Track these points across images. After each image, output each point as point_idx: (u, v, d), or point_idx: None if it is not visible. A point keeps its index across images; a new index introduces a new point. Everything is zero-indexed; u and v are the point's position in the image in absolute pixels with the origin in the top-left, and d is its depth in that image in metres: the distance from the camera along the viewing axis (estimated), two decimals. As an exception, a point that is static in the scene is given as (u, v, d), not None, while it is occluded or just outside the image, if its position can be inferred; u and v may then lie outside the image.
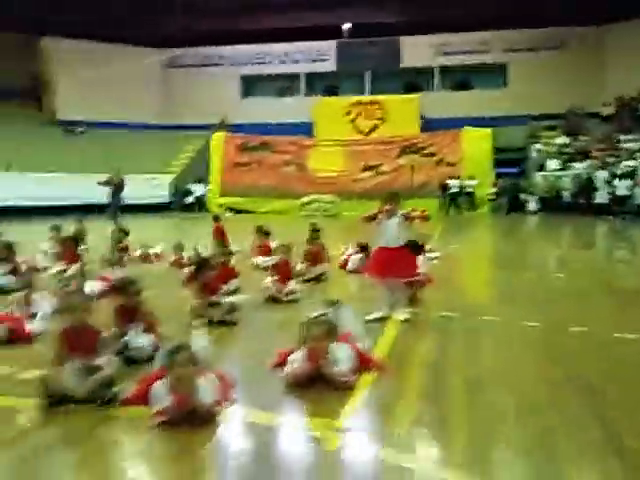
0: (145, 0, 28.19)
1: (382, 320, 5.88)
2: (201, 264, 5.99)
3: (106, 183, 15.02)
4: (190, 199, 27.12)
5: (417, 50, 31.44)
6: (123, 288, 4.97)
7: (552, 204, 23.88)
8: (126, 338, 4.70)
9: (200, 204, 26.57)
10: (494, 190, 24.98)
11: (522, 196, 25.32)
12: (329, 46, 32.51)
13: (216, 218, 11.84)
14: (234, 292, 6.42)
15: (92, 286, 7.16)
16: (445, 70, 31.91)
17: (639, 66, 27.32)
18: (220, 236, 10.67)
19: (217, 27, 31.00)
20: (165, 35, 29.48)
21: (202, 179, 27.33)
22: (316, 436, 3.34)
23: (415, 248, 6.66)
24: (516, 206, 24.85)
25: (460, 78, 32.15)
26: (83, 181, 22.08)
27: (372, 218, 6.10)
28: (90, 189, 20.18)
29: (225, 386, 3.85)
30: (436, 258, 10.10)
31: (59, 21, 28.11)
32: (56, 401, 3.73)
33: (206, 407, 3.49)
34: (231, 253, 6.84)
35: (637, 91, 27.52)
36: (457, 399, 3.89)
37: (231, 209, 25.04)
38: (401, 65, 31.88)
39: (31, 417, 3.62)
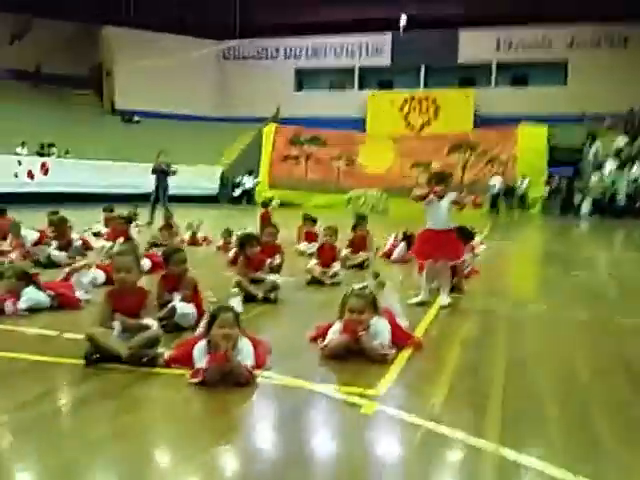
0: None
1: (423, 305, 5.81)
2: (246, 239, 6.06)
3: (154, 171, 15.30)
4: (238, 191, 27.39)
5: (475, 44, 30.96)
6: (167, 257, 5.08)
7: (606, 207, 23.13)
8: (172, 304, 4.79)
9: (249, 196, 26.84)
10: (547, 190, 24.39)
11: (576, 197, 24.63)
12: (384, 39, 32.35)
13: (264, 204, 11.97)
14: (278, 267, 6.44)
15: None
16: (503, 66, 31.28)
17: None
18: (267, 222, 10.75)
19: (272, 19, 31.30)
20: (222, 26, 29.90)
21: (253, 171, 27.62)
22: (351, 401, 3.34)
23: (465, 235, 6.64)
24: (569, 207, 24.21)
25: (518, 74, 31.47)
26: (138, 170, 22.56)
27: (423, 198, 5.94)
28: (144, 178, 20.64)
29: (262, 351, 3.88)
30: (483, 251, 9.96)
31: (120, 11, 28.85)
32: (100, 359, 3.83)
33: (244, 368, 3.52)
34: (277, 230, 6.85)
35: None
36: (496, 376, 3.82)
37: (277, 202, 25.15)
38: (458, 60, 31.42)
39: (73, 373, 3.73)
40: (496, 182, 24.03)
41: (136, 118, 31.08)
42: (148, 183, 15.24)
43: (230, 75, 33.93)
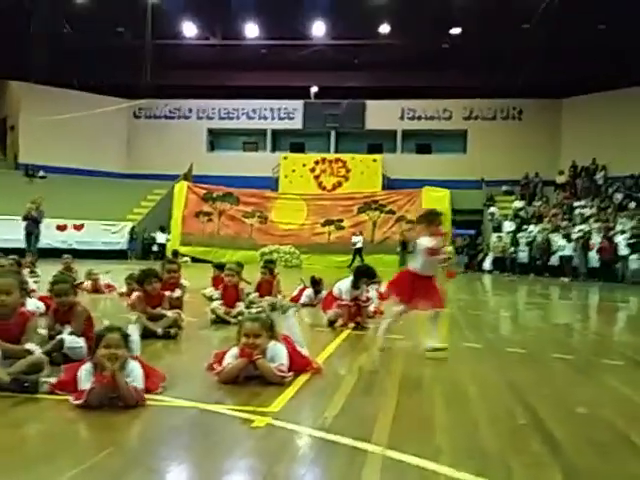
0: (115, 50, 28.77)
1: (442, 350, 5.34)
2: (145, 275, 5.94)
3: (25, 218, 14.96)
4: (155, 247, 26.86)
5: (381, 113, 32.47)
6: (51, 287, 4.89)
7: (506, 264, 24.41)
8: (59, 337, 4.58)
9: (161, 253, 26.33)
10: (451, 249, 25.43)
11: (479, 255, 25.89)
12: (296, 105, 33.37)
13: (175, 254, 11.79)
14: (179, 302, 6.33)
15: (35, 304, 7.00)
16: (407, 134, 32.91)
17: (593, 137, 28.66)
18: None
19: (186, 81, 31.69)
20: (133, 85, 29.89)
21: (165, 228, 27.23)
22: (242, 417, 3.28)
23: (370, 275, 6.87)
24: (472, 265, 25.36)
25: (422, 142, 33.17)
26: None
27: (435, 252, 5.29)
28: (45, 232, 19.88)
29: (154, 377, 3.77)
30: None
31: (27, 66, 28.32)
32: (-23, 386, 3.59)
33: (132, 389, 3.39)
34: (178, 267, 6.76)
35: (591, 161, 28.78)
36: (390, 395, 3.89)
37: (191, 258, 24.87)
38: (366, 127, 32.81)
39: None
40: (357, 240, 25.06)
41: (41, 173, 30.09)
42: (48, 237, 14.84)
43: (141, 133, 33.74)
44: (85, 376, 3.47)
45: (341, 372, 4.51)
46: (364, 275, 6.87)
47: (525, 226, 26.01)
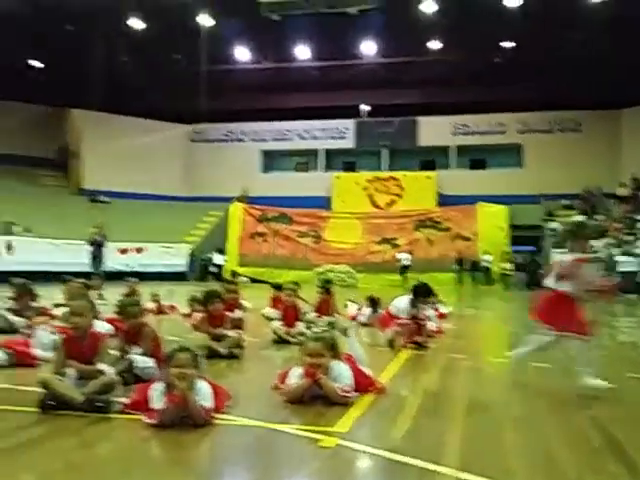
0: (171, 77, 29.71)
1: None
2: (209, 295, 6.06)
3: (91, 243, 15.42)
4: (214, 268, 27.31)
5: (434, 129, 32.24)
6: (120, 310, 5.04)
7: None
8: (131, 357, 4.72)
9: (218, 274, 26.76)
10: (510, 266, 24.94)
11: (539, 273, 25.20)
12: (348, 124, 33.56)
13: (233, 275, 11.99)
14: (240, 322, 6.42)
15: (102, 326, 7.23)
16: (461, 149, 32.55)
17: (654, 148, 27.72)
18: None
19: (240, 104, 32.37)
20: (190, 110, 30.72)
21: (221, 249, 27.70)
22: (310, 436, 3.29)
23: (425, 292, 6.81)
24: (534, 282, 24.70)
25: (476, 157, 32.72)
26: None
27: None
28: (109, 257, 20.50)
29: (221, 396, 3.83)
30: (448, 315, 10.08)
31: (88, 95, 29.51)
32: (55, 405, 3.72)
33: (201, 409, 3.46)
34: (236, 286, 6.87)
35: (653, 172, 27.80)
36: (458, 416, 3.83)
37: (248, 277, 25.18)
38: (418, 144, 32.66)
39: (26, 418, 3.61)
40: (402, 257, 24.81)
41: (103, 198, 31.18)
42: (110, 260, 15.34)
43: (198, 157, 34.56)
44: (157, 396, 3.56)
45: (404, 393, 4.48)
46: (422, 293, 6.80)
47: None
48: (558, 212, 28.69)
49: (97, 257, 14.93)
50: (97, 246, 15.03)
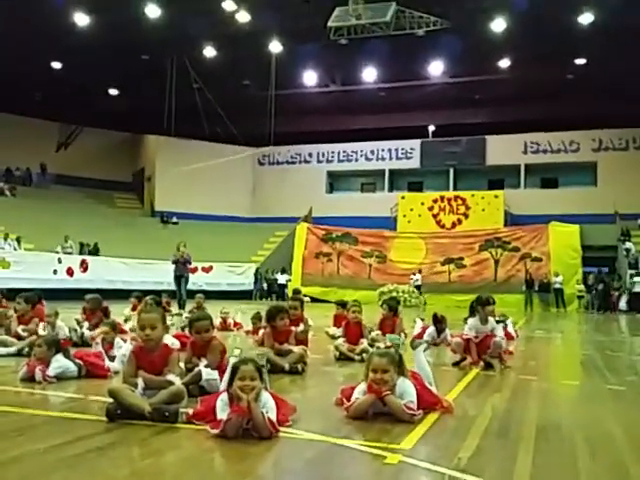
0: (241, 102, 30.48)
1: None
2: (276, 310, 6.09)
3: (175, 262, 15.71)
4: (277, 288, 27.64)
5: (502, 148, 31.68)
6: (191, 323, 5.13)
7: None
8: (197, 369, 4.79)
9: (282, 293, 27.01)
10: (583, 287, 24.02)
11: (614, 294, 24.16)
12: (414, 144, 33.42)
13: (296, 292, 12.06)
14: (304, 337, 6.43)
15: (170, 340, 7.40)
16: (531, 168, 31.79)
17: None
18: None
19: (307, 127, 32.83)
20: (258, 134, 31.39)
21: (285, 269, 27.97)
22: (374, 452, 3.24)
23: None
24: (607, 304, 23.68)
25: (547, 176, 31.86)
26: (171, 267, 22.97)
27: None
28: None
29: (286, 409, 3.83)
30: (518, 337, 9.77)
31: (162, 121, 30.66)
32: (123, 414, 3.82)
33: (266, 421, 3.46)
34: (301, 301, 6.90)
35: None
36: (527, 437, 3.68)
37: (311, 297, 25.26)
38: (486, 163, 32.12)
39: (95, 427, 3.70)
40: (415, 277, 25.00)
41: (174, 219, 32.17)
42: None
43: (265, 179, 35.22)
44: (221, 406, 3.59)
45: (472, 412, 4.34)
46: (484, 303, 6.61)
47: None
48: (634, 232, 27.46)
49: (182, 276, 15.29)
50: (183, 265, 15.39)
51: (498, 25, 24.88)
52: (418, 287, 24.87)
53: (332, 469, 3.05)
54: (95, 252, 25.10)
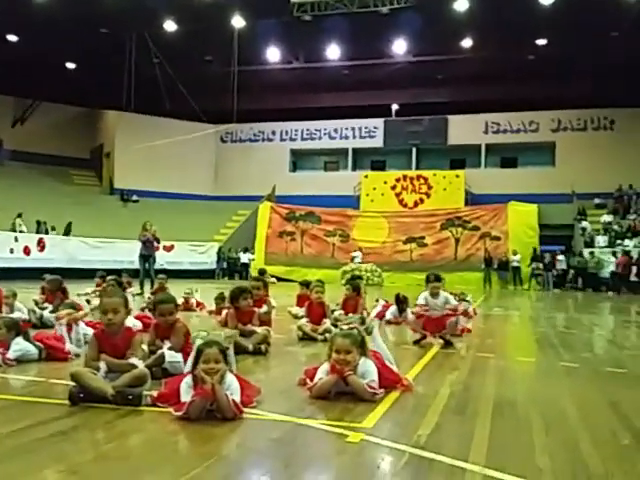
0: (203, 78, 29.99)
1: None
2: (239, 292, 6.11)
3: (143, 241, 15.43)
4: (240, 267, 27.57)
5: (464, 128, 32.01)
6: (154, 306, 5.11)
7: (598, 281, 23.27)
8: (160, 351, 4.79)
9: (245, 272, 26.96)
10: (540, 265, 24.62)
11: (569, 272, 24.86)
12: (377, 123, 33.49)
13: (261, 273, 12.08)
14: (267, 318, 6.47)
15: (132, 322, 7.34)
16: (492, 148, 32.24)
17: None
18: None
19: (270, 104, 32.53)
20: (220, 111, 30.98)
21: (248, 248, 27.89)
22: (337, 432, 3.31)
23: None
24: (563, 282, 24.37)
25: (507, 156, 32.37)
26: (131, 246, 22.63)
27: None
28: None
29: (250, 390, 3.87)
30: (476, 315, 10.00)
31: (121, 96, 29.98)
32: (86, 398, 3.80)
33: (231, 402, 3.50)
34: (263, 282, 6.93)
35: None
36: (483, 416, 3.80)
37: (276, 277, 25.29)
38: (448, 142, 32.43)
39: (57, 411, 3.67)
40: (355, 255, 25.41)
41: (134, 197, 31.66)
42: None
43: (227, 157, 34.89)
44: (185, 389, 3.61)
45: (431, 390, 4.45)
46: (428, 280, 6.91)
47: (619, 241, 24.78)
48: (591, 211, 28.22)
49: (151, 256, 14.99)
50: (150, 244, 15.08)
51: (461, 4, 24.96)
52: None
53: (296, 449, 3.11)
54: (67, 232, 24.57)
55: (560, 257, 24.81)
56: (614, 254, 23.43)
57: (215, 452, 3.01)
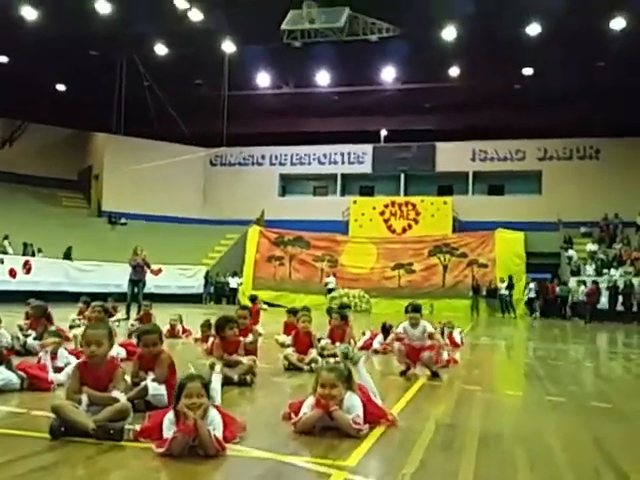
0: (192, 101, 30.15)
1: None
2: (224, 321, 6.06)
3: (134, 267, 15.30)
4: (227, 291, 27.43)
5: (452, 155, 32.31)
6: (139, 337, 5.04)
7: (584, 309, 23.33)
8: (144, 383, 4.73)
9: (233, 297, 26.82)
10: (526, 293, 24.72)
11: (557, 301, 24.94)
12: (366, 149, 33.74)
13: (253, 299, 12.04)
14: (253, 348, 6.43)
15: (116, 350, 7.26)
16: (479, 175, 32.53)
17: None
18: (254, 315, 10.67)
19: (260, 128, 32.72)
20: (210, 134, 31.11)
21: (236, 272, 27.78)
22: (320, 471, 3.27)
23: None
24: (550, 310, 24.45)
25: (494, 183, 32.66)
26: (119, 270, 22.47)
27: None
28: (126, 278, 20.65)
29: (234, 425, 3.83)
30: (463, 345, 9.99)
31: (110, 119, 30.04)
32: (67, 432, 3.73)
33: (213, 438, 3.46)
34: (248, 312, 6.89)
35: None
36: (468, 452, 3.78)
37: (265, 303, 25.16)
38: (436, 169, 32.70)
39: (38, 445, 3.61)
40: (329, 280, 25.51)
41: (122, 220, 31.54)
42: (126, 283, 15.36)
43: (216, 180, 34.92)
44: (168, 425, 3.57)
45: (417, 425, 4.42)
46: (406, 310, 6.97)
47: (605, 270, 24.95)
48: (576, 240, 28.43)
49: (141, 281, 14.89)
50: (140, 268, 14.98)
51: (449, 34, 25.37)
52: (330, 291, 25.02)
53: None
54: (68, 256, 24.33)
55: (531, 285, 24.90)
56: (584, 283, 23.62)
57: (197, 492, 2.97)
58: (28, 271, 22.44)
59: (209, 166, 35.38)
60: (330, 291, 25.02)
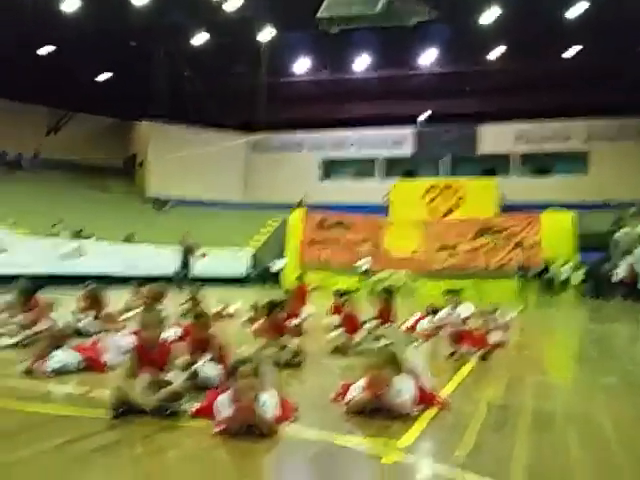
0: (233, 88, 30.33)
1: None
2: (274, 305, 6.14)
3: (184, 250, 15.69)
4: (271, 274, 27.64)
5: (494, 137, 31.69)
6: (193, 320, 5.18)
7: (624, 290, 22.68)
8: (195, 366, 4.84)
9: (277, 279, 26.99)
10: (579, 274, 24.17)
11: (608, 282, 24.29)
12: (407, 132, 33.38)
13: (300, 278, 12.14)
14: (299, 329, 6.49)
15: (173, 330, 7.41)
16: (523, 156, 31.84)
17: None
18: (301, 296, 10.70)
19: (299, 114, 32.72)
20: (251, 121, 31.27)
21: (280, 255, 27.96)
22: (372, 452, 3.30)
23: None
24: (602, 291, 23.85)
25: (539, 164, 31.93)
26: (167, 253, 22.94)
27: None
28: (172, 261, 21.05)
29: (287, 406, 3.89)
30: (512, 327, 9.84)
31: (155, 107, 30.48)
32: (126, 411, 3.86)
33: (267, 419, 3.52)
34: (291, 295, 6.95)
35: None
36: (521, 433, 3.76)
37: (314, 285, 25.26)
38: (478, 152, 32.15)
39: (99, 424, 3.74)
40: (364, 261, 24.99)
41: (168, 205, 32.11)
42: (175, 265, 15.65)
43: (258, 165, 35.11)
44: (223, 405, 3.65)
45: (469, 407, 4.41)
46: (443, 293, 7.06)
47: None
48: (628, 220, 27.55)
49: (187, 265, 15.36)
50: (190, 252, 15.46)
51: (488, 16, 24.77)
52: (366, 272, 24.84)
53: (333, 468, 3.12)
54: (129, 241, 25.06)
55: (552, 265, 24.19)
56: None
57: (252, 469, 3.04)
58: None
59: (250, 152, 35.58)
60: (366, 272, 24.96)
